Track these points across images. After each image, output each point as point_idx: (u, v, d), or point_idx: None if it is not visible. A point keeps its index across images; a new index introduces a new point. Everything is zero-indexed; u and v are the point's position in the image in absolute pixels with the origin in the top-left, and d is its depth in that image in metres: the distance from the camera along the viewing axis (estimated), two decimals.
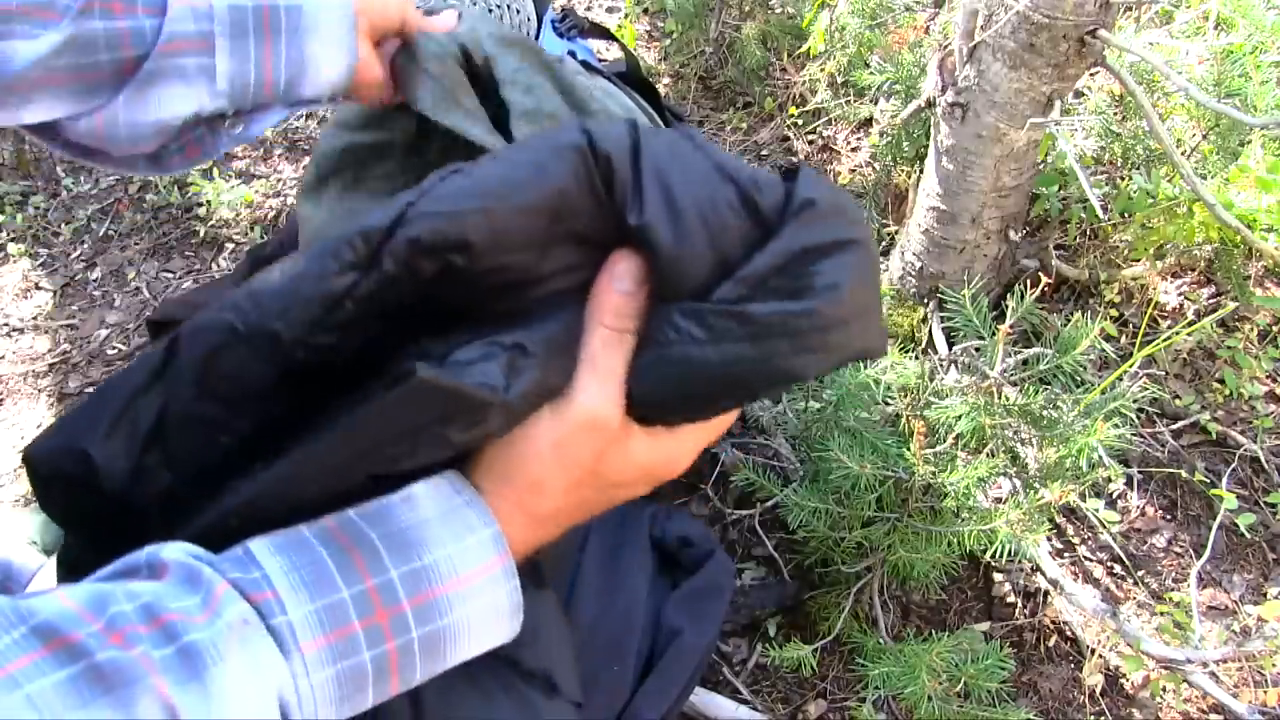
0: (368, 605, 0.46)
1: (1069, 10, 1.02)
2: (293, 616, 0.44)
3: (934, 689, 0.98)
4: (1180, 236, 1.33)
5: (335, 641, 0.45)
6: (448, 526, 0.49)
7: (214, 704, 0.41)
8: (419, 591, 0.47)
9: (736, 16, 2.05)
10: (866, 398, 1.10)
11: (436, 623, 0.47)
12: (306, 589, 0.45)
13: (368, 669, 0.46)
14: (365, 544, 0.47)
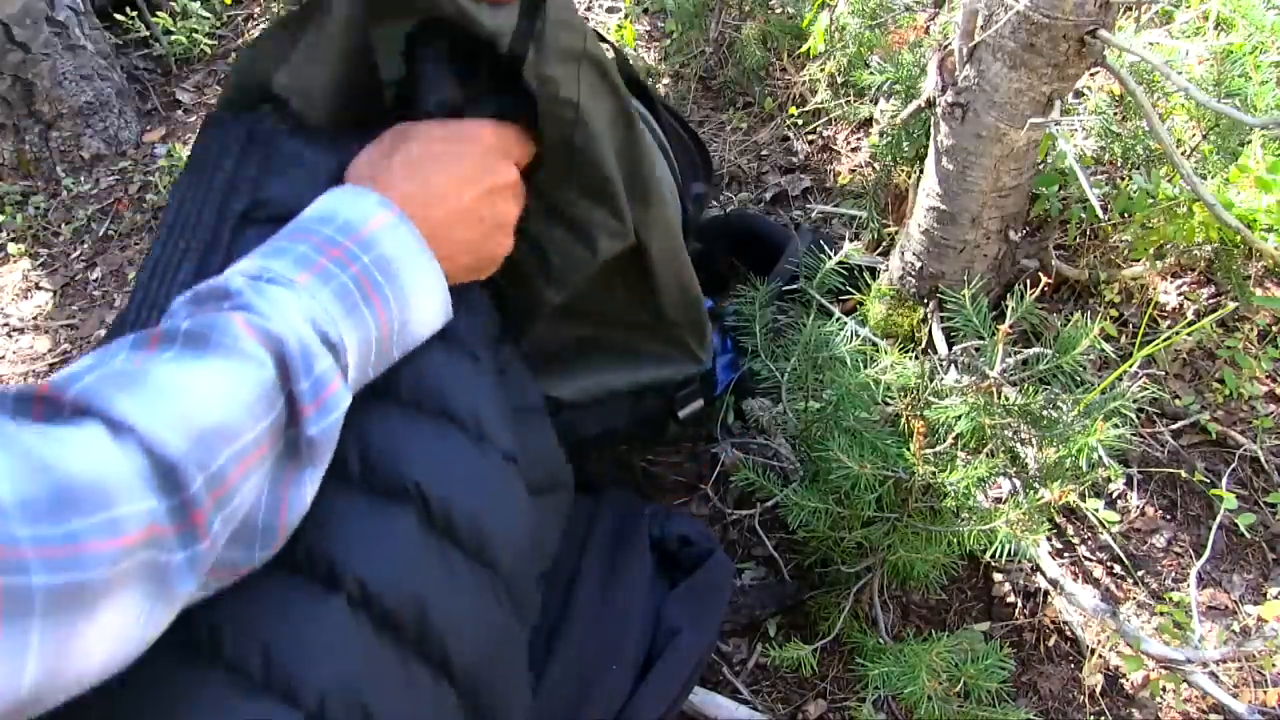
0: (321, 249, 0.63)
1: (1069, 10, 1.02)
2: (277, 269, 0.60)
3: (934, 689, 0.98)
4: (1180, 236, 1.33)
5: (316, 272, 0.61)
6: (348, 199, 0.67)
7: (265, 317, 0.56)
8: (349, 235, 0.64)
9: (736, 16, 2.05)
10: (866, 398, 1.10)
11: (374, 251, 0.64)
12: (276, 255, 0.62)
13: (350, 286, 0.62)
14: (298, 227, 0.65)
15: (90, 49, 2.10)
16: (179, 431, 0.49)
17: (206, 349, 0.54)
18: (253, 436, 0.53)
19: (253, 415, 0.54)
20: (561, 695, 0.87)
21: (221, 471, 0.51)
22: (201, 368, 0.53)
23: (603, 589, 0.97)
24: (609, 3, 2.35)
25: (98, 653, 0.46)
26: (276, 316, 0.57)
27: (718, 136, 1.98)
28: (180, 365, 0.52)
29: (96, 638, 0.46)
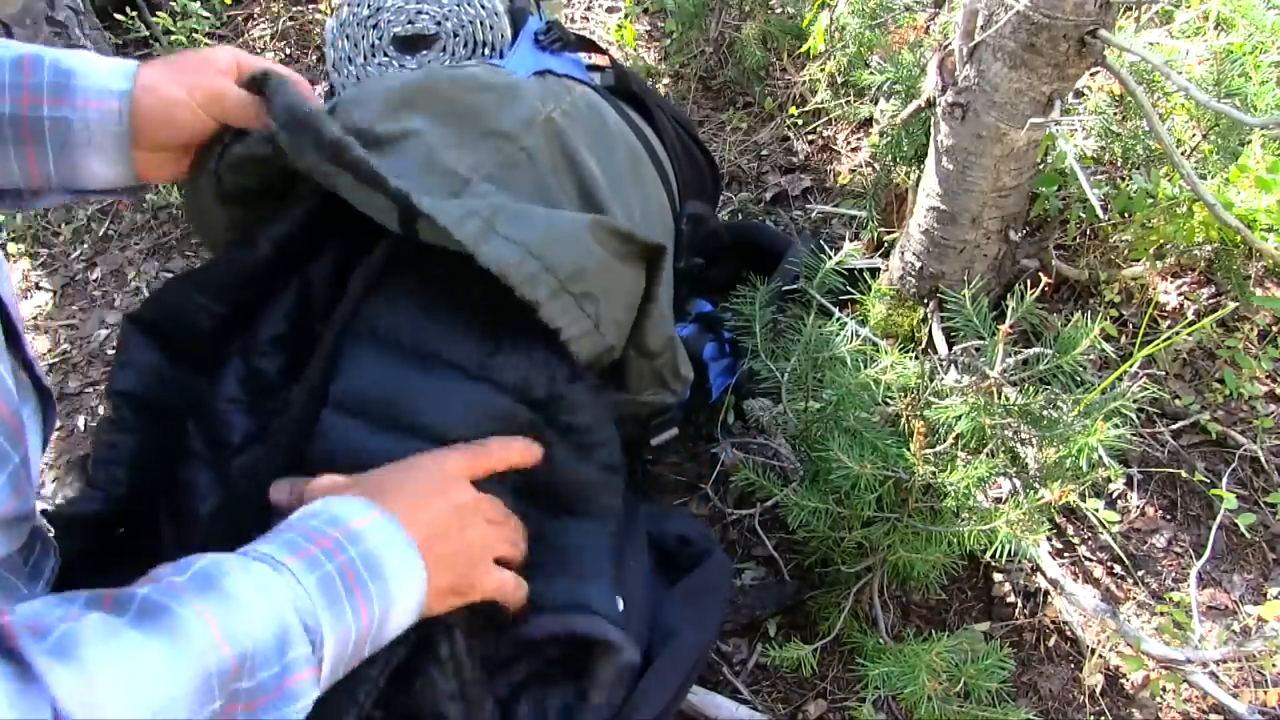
0: (310, 537, 0.63)
1: (1069, 10, 1.02)
2: (266, 549, 0.61)
3: (934, 689, 0.98)
4: (1180, 236, 1.33)
5: (304, 557, 0.61)
6: (337, 501, 0.68)
7: (233, 605, 0.55)
8: (337, 527, 0.64)
9: (736, 16, 2.05)
10: (866, 398, 1.10)
11: (361, 545, 0.64)
12: (260, 543, 0.62)
13: (335, 577, 0.61)
14: (284, 524, 0.65)
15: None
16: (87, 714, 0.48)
17: (157, 624, 0.52)
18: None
19: (188, 704, 0.51)
20: None
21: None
22: (137, 645, 0.51)
23: None
24: (609, 3, 2.35)
25: None
26: (244, 603, 0.55)
27: (718, 136, 1.98)
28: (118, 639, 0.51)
29: None
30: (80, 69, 0.78)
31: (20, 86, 0.76)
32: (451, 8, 1.26)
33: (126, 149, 0.81)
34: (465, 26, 1.27)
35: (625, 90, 1.33)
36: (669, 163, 1.30)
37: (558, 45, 1.29)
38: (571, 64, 1.29)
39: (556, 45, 1.29)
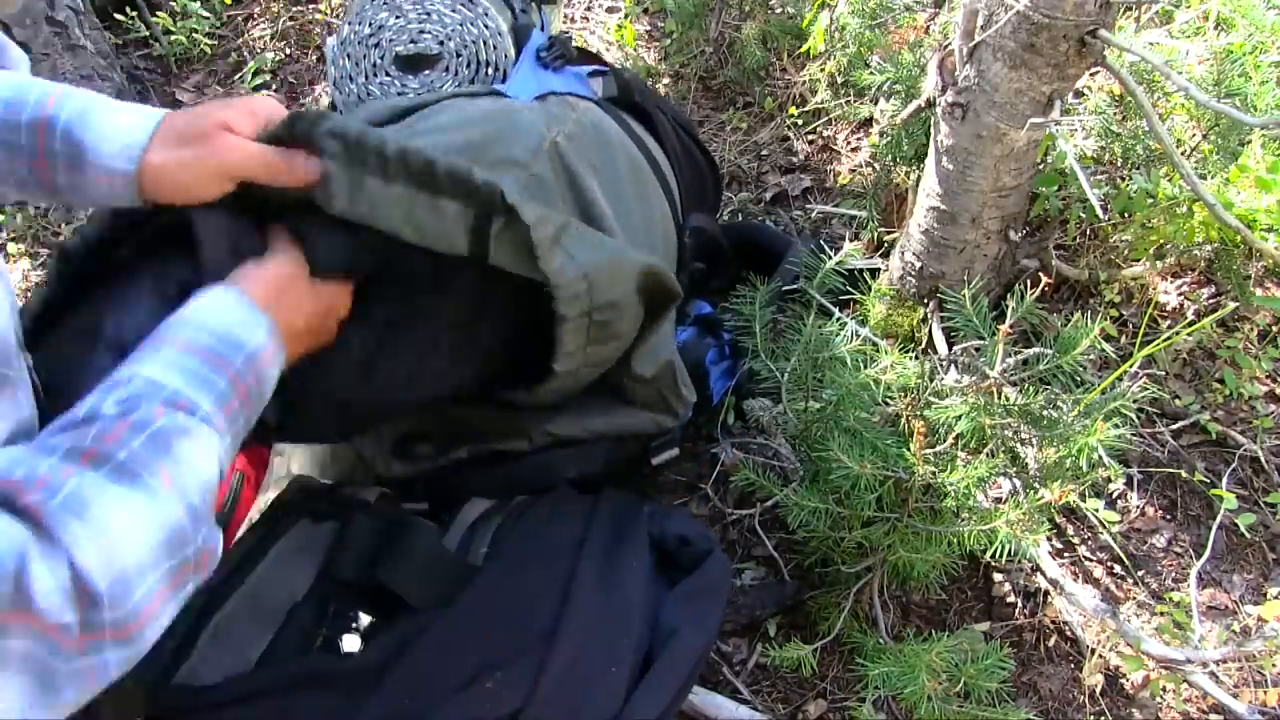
0: (234, 385, 0.73)
1: (1069, 10, 1.02)
2: (206, 407, 0.69)
3: (934, 689, 0.98)
4: (1180, 236, 1.33)
5: (229, 415, 0.72)
6: (252, 321, 0.78)
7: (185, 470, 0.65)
8: (251, 367, 0.75)
9: (736, 16, 2.05)
10: (866, 398, 1.10)
11: (264, 388, 0.77)
12: (203, 388, 0.70)
13: (241, 428, 0.74)
14: (215, 351, 0.73)
15: (90, 49, 2.10)
16: (106, 567, 0.57)
17: (135, 485, 0.62)
18: (159, 575, 0.62)
19: (164, 554, 0.62)
20: (560, 696, 0.87)
21: (135, 609, 0.60)
22: (128, 503, 0.61)
23: (602, 589, 0.97)
24: (609, 3, 2.35)
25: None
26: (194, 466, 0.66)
27: (718, 136, 1.98)
28: (111, 497, 0.60)
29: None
30: (91, 141, 0.81)
31: (36, 152, 0.81)
32: (455, 27, 1.26)
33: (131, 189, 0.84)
34: (468, 46, 1.27)
35: (627, 100, 1.32)
36: (671, 171, 1.30)
37: (560, 62, 1.29)
38: (574, 78, 1.29)
39: (559, 62, 1.29)
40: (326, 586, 0.98)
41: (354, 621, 0.94)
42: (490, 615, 0.93)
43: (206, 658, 0.92)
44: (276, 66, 2.33)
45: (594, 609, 0.95)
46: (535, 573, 0.98)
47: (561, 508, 1.09)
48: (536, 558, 1.00)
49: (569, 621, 0.92)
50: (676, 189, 1.30)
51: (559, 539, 1.03)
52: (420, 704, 0.85)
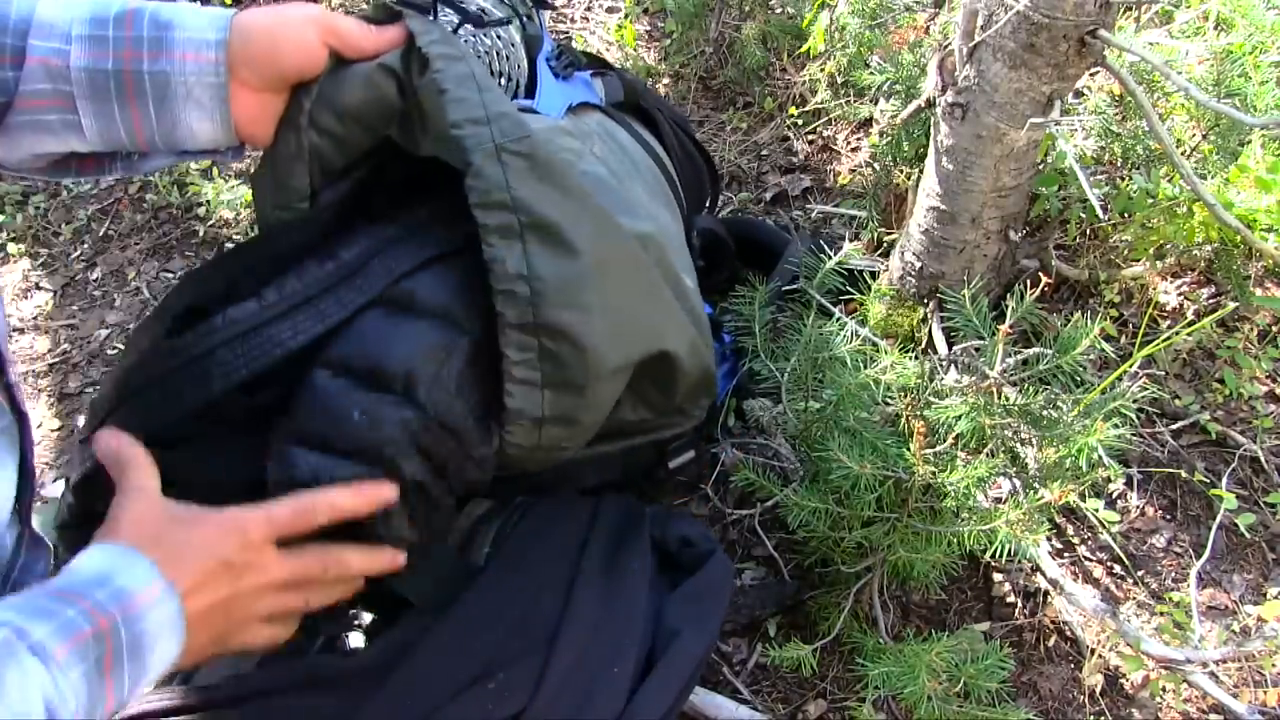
0: (90, 616, 0.61)
1: (1069, 10, 1.02)
2: (40, 636, 0.58)
3: (934, 689, 0.98)
4: (1180, 236, 1.33)
5: (77, 645, 0.59)
6: (123, 563, 0.66)
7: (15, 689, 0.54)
8: (119, 604, 0.63)
9: (736, 16, 2.05)
10: (866, 398, 1.10)
11: (136, 626, 0.63)
12: (41, 618, 0.59)
13: (95, 668, 0.60)
14: (70, 586, 0.63)
15: None
16: None
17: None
18: None
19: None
20: (563, 697, 0.87)
21: None
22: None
23: (604, 590, 0.97)
24: (609, 3, 2.35)
25: None
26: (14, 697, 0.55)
27: (718, 136, 1.98)
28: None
29: None
30: (178, 20, 0.78)
31: (123, 41, 0.76)
32: (467, 38, 1.24)
33: (224, 101, 0.80)
34: (482, 57, 1.25)
35: (632, 104, 1.32)
36: (674, 173, 1.30)
37: (570, 70, 1.28)
38: (583, 85, 1.29)
39: (569, 70, 1.28)
40: None
41: (355, 621, 0.94)
42: (492, 616, 0.93)
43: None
44: None
45: (596, 610, 0.95)
46: (537, 573, 0.98)
47: (564, 508, 1.09)
48: (539, 558, 1.00)
49: (571, 622, 0.92)
50: (682, 193, 1.31)
51: (561, 540, 1.03)
52: (422, 705, 0.85)
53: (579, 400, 0.88)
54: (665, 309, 0.98)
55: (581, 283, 0.85)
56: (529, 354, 0.84)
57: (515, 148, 0.83)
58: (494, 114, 0.83)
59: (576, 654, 0.90)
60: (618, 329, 0.89)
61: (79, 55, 0.75)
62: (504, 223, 0.82)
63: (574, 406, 0.88)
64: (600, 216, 0.90)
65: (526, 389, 0.85)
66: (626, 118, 1.28)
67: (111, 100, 0.77)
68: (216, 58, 0.78)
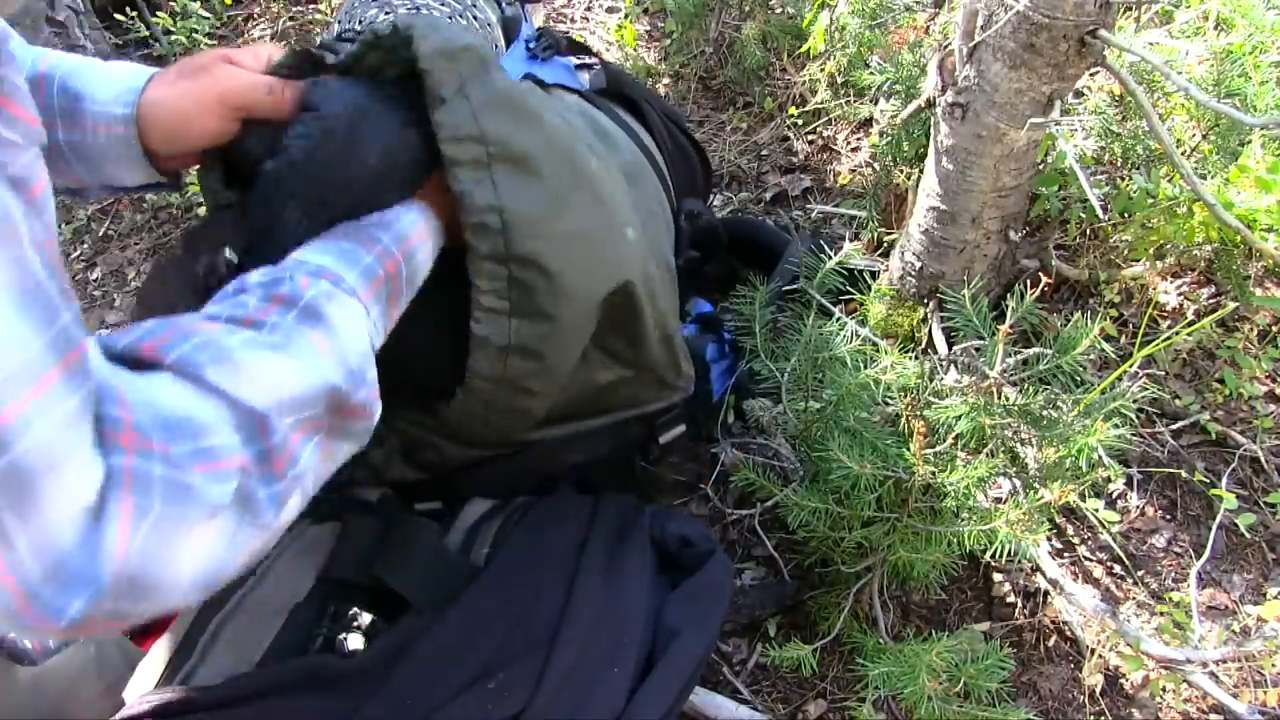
0: (381, 261, 0.77)
1: (1069, 10, 1.02)
2: (350, 280, 0.73)
3: (934, 689, 0.98)
4: (1180, 236, 1.33)
5: (375, 289, 0.75)
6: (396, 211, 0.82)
7: (338, 334, 0.69)
8: (400, 246, 0.79)
9: (736, 16, 2.05)
10: (866, 398, 1.10)
11: (413, 263, 0.81)
12: (348, 262, 0.74)
13: (387, 304, 0.77)
14: (363, 228, 0.79)
15: (90, 49, 2.10)
16: (261, 394, 0.61)
17: (285, 350, 0.65)
18: (313, 412, 0.65)
19: (316, 399, 0.65)
20: (562, 697, 0.88)
21: (290, 430, 0.63)
22: (280, 359, 0.64)
23: (604, 590, 0.97)
24: (609, 3, 2.35)
25: (188, 562, 0.56)
26: (345, 335, 0.70)
27: (718, 136, 1.98)
28: (263, 352, 0.64)
29: (190, 550, 0.55)
30: (87, 90, 0.79)
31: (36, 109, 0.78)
32: (444, 17, 1.25)
33: (142, 159, 0.82)
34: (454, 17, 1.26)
35: (616, 92, 1.32)
36: (662, 160, 1.30)
37: (549, 52, 1.29)
38: (562, 69, 1.29)
39: (548, 53, 1.29)
40: (328, 587, 0.98)
41: (355, 621, 0.94)
42: (492, 616, 0.93)
43: (207, 658, 0.92)
44: None
45: (596, 610, 0.95)
46: (537, 573, 0.98)
47: (563, 509, 1.09)
48: (538, 558, 1.00)
49: (571, 622, 0.92)
50: (670, 179, 1.30)
51: (561, 540, 1.03)
52: (421, 704, 0.85)
53: (547, 329, 0.90)
54: (626, 244, 1.00)
55: (550, 211, 0.88)
56: (498, 283, 0.87)
57: (480, 83, 0.85)
58: (458, 48, 0.85)
59: (576, 654, 0.90)
60: (583, 257, 0.92)
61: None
62: (473, 156, 0.84)
63: (541, 337, 0.90)
64: (563, 150, 0.93)
65: (493, 317, 0.88)
66: (610, 105, 1.28)
67: None
68: (127, 131, 0.80)
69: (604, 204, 0.97)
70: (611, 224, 0.99)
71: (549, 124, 0.93)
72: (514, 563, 0.99)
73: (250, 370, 0.62)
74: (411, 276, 0.80)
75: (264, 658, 0.91)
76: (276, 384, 0.63)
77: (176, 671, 0.91)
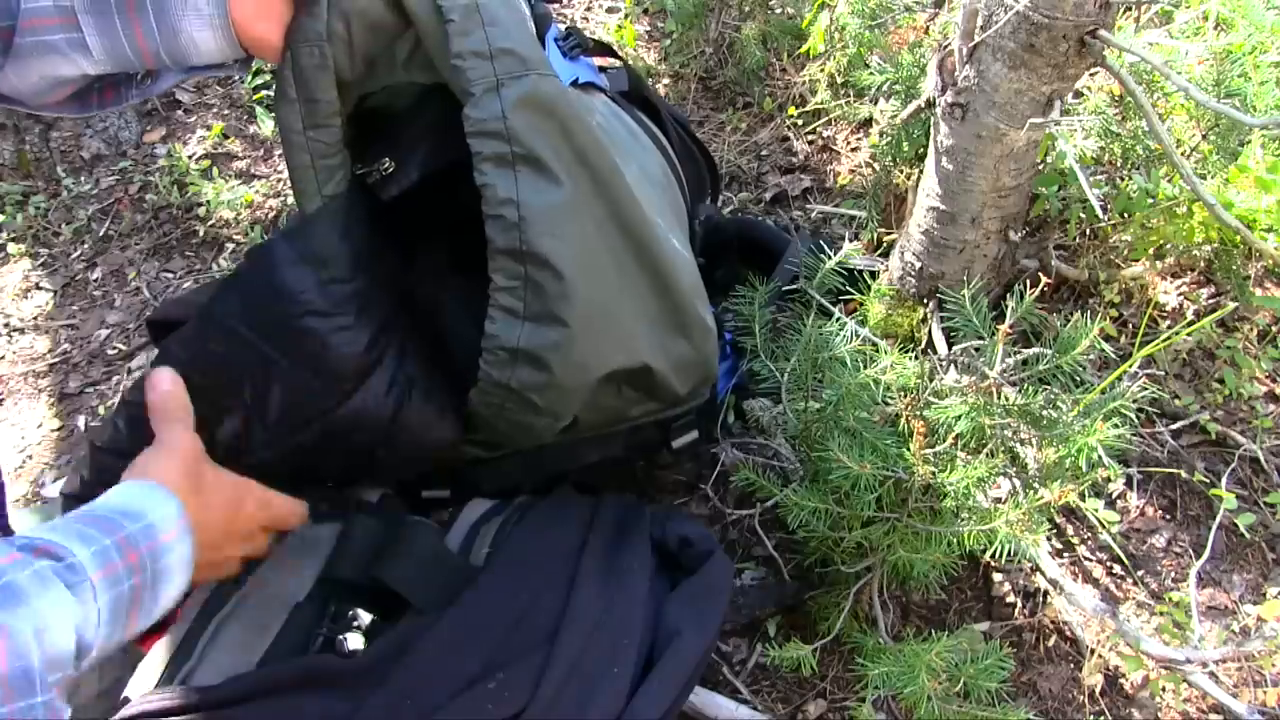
0: (122, 549, 0.68)
1: (1069, 10, 1.02)
2: (82, 557, 0.65)
3: (934, 689, 0.98)
4: (1180, 236, 1.33)
5: (109, 575, 0.66)
6: (150, 501, 0.74)
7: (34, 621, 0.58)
8: (148, 540, 0.71)
9: (736, 16, 2.05)
10: (866, 398, 1.10)
11: (160, 561, 0.72)
12: (84, 542, 0.66)
13: (125, 599, 0.67)
14: (107, 516, 0.70)
15: None
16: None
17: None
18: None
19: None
20: (562, 697, 0.87)
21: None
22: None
23: (603, 590, 0.97)
24: (609, 3, 2.35)
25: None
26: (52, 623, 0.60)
27: (718, 136, 1.98)
28: None
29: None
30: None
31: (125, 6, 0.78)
32: None
33: (224, 6, 0.81)
34: None
35: (638, 94, 1.33)
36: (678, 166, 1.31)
37: (577, 51, 1.29)
38: (587, 69, 1.29)
39: (576, 51, 1.29)
40: (328, 587, 0.98)
41: (355, 621, 0.94)
42: (492, 616, 0.93)
43: (207, 658, 0.92)
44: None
45: (596, 610, 0.95)
46: (537, 573, 0.98)
47: (564, 509, 1.09)
48: (538, 558, 1.00)
49: (571, 622, 0.92)
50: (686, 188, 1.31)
51: (561, 540, 1.03)
52: (421, 704, 0.85)
53: (557, 336, 0.91)
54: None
55: (564, 213, 0.90)
56: (515, 282, 0.89)
57: (514, 83, 0.88)
58: (497, 50, 0.88)
59: (576, 653, 0.90)
60: (593, 264, 0.93)
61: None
62: (498, 151, 0.87)
63: (550, 345, 0.91)
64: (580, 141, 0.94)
65: (507, 317, 0.90)
66: (632, 108, 1.28)
67: (112, 13, 0.78)
68: None
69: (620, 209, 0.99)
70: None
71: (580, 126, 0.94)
72: (514, 563, 0.99)
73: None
74: (156, 578, 0.71)
75: (264, 658, 0.91)
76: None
77: (176, 672, 0.91)
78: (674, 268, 1.03)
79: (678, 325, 1.04)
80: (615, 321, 0.97)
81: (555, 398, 0.95)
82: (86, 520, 0.69)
